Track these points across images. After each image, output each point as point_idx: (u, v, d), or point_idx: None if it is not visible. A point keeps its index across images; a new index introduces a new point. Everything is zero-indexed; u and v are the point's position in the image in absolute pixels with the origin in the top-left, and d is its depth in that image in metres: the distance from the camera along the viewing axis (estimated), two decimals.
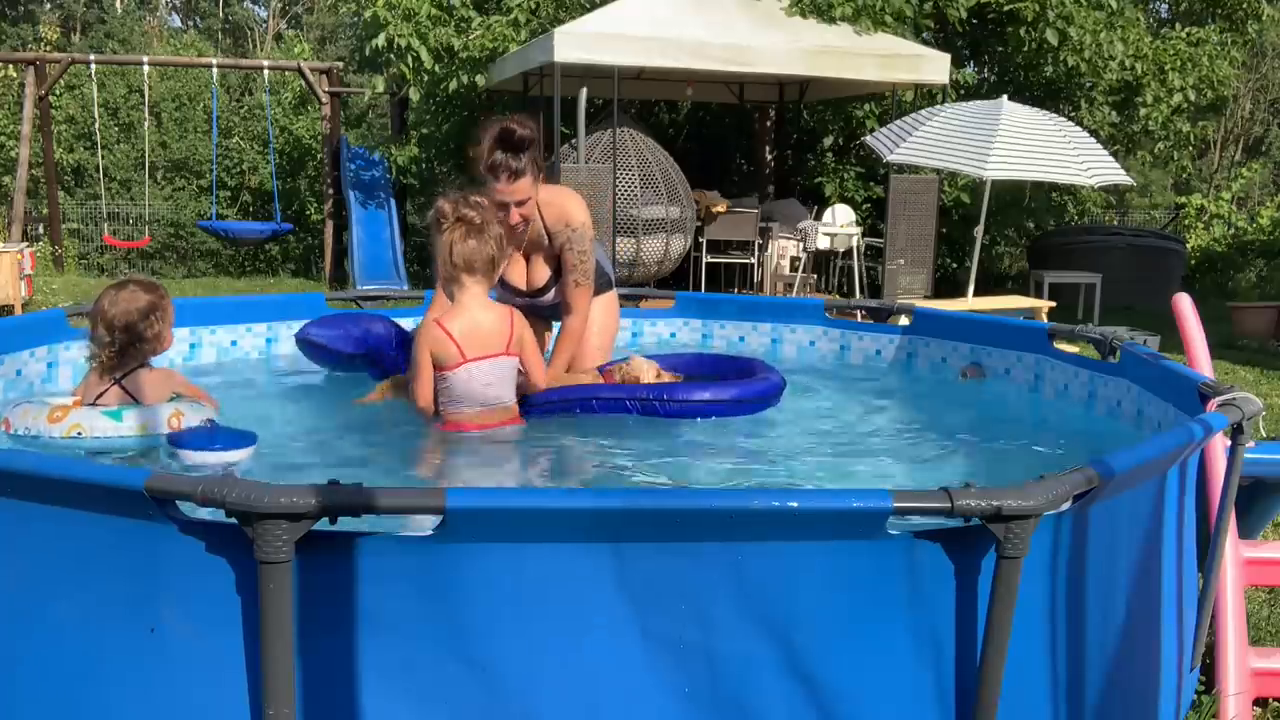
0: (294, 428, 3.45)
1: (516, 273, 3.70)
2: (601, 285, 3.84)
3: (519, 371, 3.21)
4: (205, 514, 1.67)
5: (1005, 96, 8.79)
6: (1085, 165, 8.09)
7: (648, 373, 3.50)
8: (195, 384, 3.33)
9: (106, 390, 3.12)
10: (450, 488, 1.60)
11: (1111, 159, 8.60)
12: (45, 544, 1.80)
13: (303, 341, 3.86)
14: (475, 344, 3.05)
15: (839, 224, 10.89)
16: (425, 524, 1.67)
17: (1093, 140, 8.75)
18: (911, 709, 1.82)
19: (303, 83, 15.05)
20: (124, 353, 3.10)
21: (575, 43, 9.14)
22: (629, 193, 10.27)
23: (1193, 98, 12.58)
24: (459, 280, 3.07)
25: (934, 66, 10.31)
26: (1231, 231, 16.18)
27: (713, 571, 1.71)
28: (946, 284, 12.16)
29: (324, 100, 13.93)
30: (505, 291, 3.72)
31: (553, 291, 3.71)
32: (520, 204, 3.41)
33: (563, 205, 3.60)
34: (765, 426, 3.56)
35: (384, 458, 3.17)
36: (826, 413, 3.84)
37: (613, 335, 3.99)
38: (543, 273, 3.69)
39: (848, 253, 10.96)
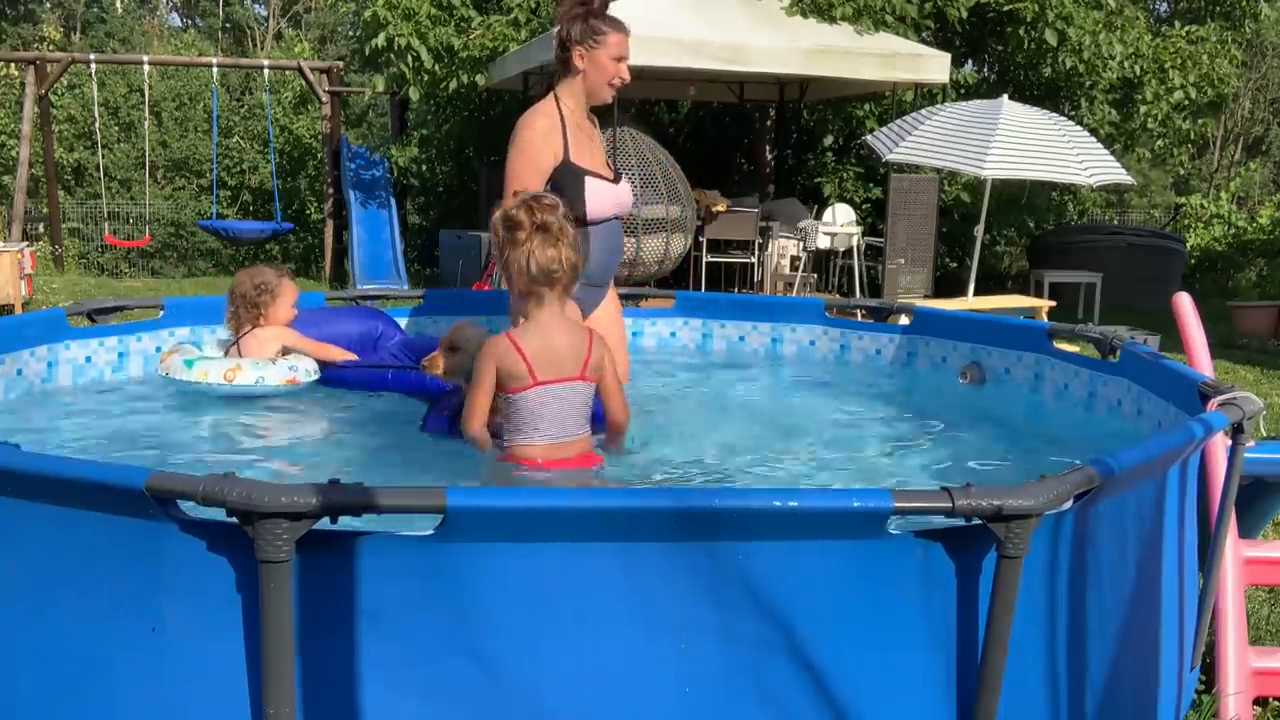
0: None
1: (602, 163, 3.65)
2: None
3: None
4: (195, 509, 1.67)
5: (1005, 96, 8.79)
6: (1085, 165, 8.09)
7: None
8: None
9: (228, 349, 3.82)
10: (451, 487, 1.60)
11: (1112, 158, 8.60)
12: (46, 543, 1.80)
13: None
14: (548, 366, 2.72)
15: (839, 223, 10.88)
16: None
17: (1093, 139, 8.75)
18: (912, 707, 1.82)
19: (303, 82, 15.04)
20: (238, 316, 3.84)
21: None
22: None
23: (1193, 95, 12.57)
24: (537, 294, 2.75)
25: (934, 66, 10.30)
26: (1231, 231, 16.16)
27: (715, 570, 1.71)
28: (946, 283, 12.16)
29: (324, 100, 13.92)
30: (592, 178, 3.57)
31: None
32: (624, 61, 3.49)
33: None
34: (766, 425, 3.57)
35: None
36: (826, 412, 3.84)
37: (623, 330, 3.98)
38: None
39: (848, 252, 10.96)
